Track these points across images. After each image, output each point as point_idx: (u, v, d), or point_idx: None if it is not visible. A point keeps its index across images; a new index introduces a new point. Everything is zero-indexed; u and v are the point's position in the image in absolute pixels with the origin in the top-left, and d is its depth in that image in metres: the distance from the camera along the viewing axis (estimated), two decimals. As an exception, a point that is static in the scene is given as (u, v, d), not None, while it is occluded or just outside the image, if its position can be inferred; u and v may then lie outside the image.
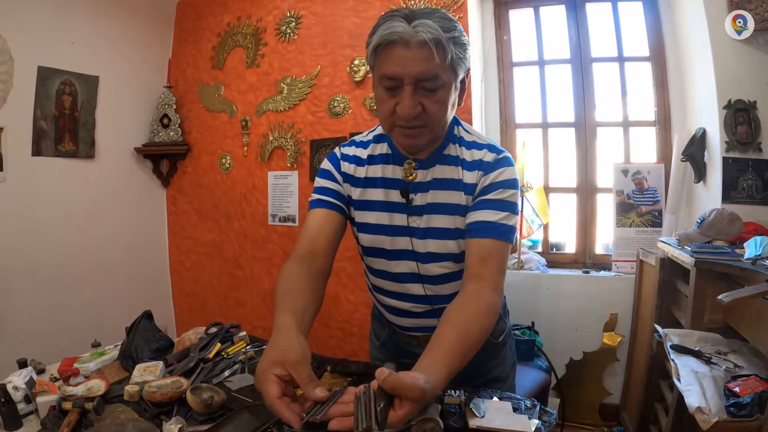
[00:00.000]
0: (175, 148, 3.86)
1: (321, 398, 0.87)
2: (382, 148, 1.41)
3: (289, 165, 3.47)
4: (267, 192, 3.61)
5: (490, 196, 1.27)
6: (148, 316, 1.82)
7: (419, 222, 1.35)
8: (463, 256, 1.30)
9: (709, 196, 2.67)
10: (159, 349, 1.73)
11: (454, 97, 1.24)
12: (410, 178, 1.35)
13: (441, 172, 1.34)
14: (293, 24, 3.43)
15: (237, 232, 3.78)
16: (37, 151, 3.15)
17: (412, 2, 3.08)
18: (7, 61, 2.95)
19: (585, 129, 3.30)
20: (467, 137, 1.36)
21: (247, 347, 1.72)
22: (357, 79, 3.20)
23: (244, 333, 1.81)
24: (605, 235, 3.35)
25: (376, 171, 1.40)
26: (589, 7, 3.27)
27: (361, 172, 1.41)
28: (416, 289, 1.41)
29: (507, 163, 1.31)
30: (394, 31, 1.12)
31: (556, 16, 3.37)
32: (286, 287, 1.17)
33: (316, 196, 1.42)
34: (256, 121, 3.62)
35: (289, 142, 3.45)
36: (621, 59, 3.26)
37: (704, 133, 2.68)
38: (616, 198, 3.16)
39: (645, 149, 3.27)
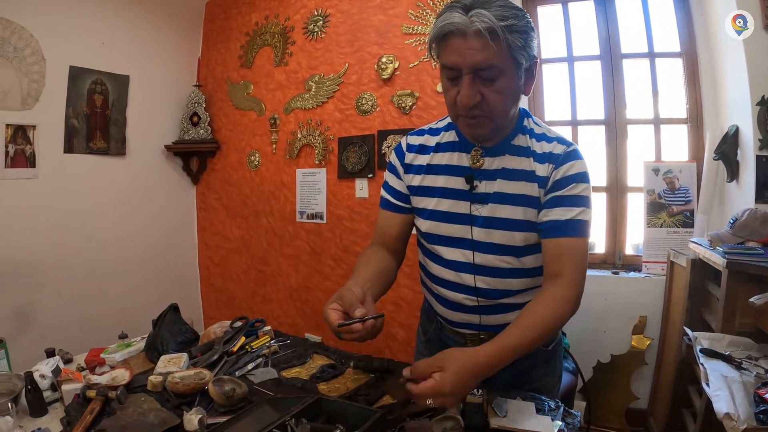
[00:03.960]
0: (204, 145, 3.92)
1: (357, 316, 1.11)
2: (450, 136, 1.42)
3: (317, 162, 3.49)
4: (295, 189, 3.64)
5: (562, 193, 1.28)
6: (174, 308, 1.85)
7: (481, 210, 1.35)
8: (526, 251, 1.34)
9: (742, 195, 2.59)
10: (184, 342, 1.76)
11: (516, 85, 1.23)
12: (477, 164, 1.35)
13: (511, 162, 1.33)
14: (321, 22, 3.44)
15: (265, 228, 3.82)
16: (68, 149, 3.24)
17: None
18: (39, 61, 3.03)
19: (615, 127, 3.23)
20: (537, 129, 1.36)
21: (271, 341, 1.74)
22: (384, 77, 3.19)
23: (268, 327, 1.82)
24: (635, 236, 3.27)
25: (442, 159, 1.42)
26: (619, 2, 3.19)
27: (424, 159, 1.44)
28: (468, 279, 1.40)
29: (577, 156, 1.30)
30: (451, 21, 1.13)
31: (584, 12, 3.30)
32: (358, 263, 1.43)
33: (383, 193, 1.54)
34: (284, 119, 3.65)
35: (317, 140, 3.47)
36: (651, 55, 3.19)
37: (737, 130, 2.60)
38: (646, 197, 3.10)
39: (676, 147, 3.18)
